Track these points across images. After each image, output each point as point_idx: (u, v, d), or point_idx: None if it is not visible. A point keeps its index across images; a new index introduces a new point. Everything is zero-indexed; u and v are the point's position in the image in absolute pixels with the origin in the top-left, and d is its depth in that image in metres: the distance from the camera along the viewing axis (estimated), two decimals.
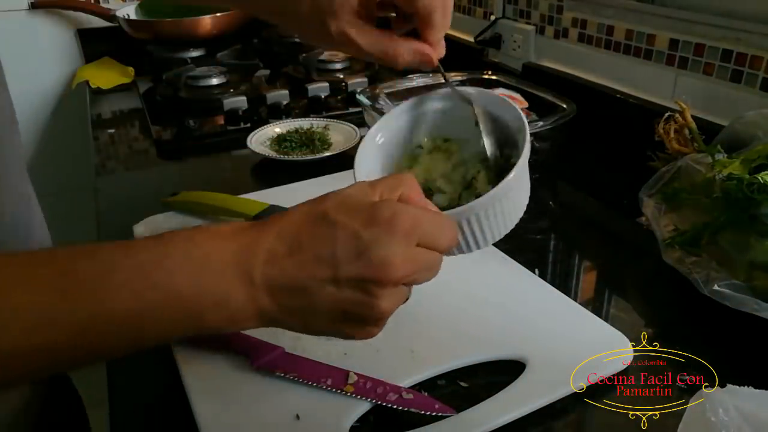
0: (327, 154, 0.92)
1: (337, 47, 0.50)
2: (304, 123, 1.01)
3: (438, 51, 0.50)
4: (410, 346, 0.52)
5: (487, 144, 0.50)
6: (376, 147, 0.53)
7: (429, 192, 0.52)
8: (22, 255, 0.36)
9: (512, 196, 0.48)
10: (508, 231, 0.50)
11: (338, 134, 0.99)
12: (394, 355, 0.52)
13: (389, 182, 0.40)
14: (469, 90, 0.53)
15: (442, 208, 0.45)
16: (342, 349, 0.52)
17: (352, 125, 1.00)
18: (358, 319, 0.38)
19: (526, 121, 0.49)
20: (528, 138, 0.48)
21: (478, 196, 0.47)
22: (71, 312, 0.33)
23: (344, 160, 0.92)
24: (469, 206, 0.45)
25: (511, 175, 0.46)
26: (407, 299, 0.40)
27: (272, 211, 0.71)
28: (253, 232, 0.38)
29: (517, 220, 0.51)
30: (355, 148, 0.98)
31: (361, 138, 0.52)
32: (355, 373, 0.49)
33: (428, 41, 0.49)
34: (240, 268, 0.36)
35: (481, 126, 0.50)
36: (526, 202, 0.52)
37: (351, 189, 0.40)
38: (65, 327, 0.33)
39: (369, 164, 0.52)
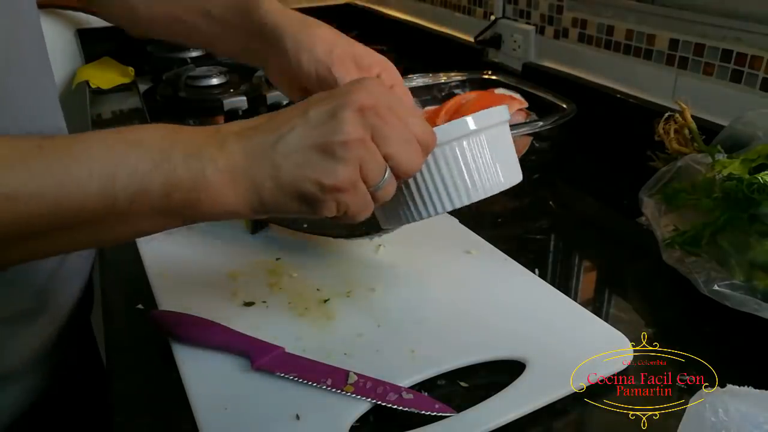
0: None
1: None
2: None
3: None
4: (410, 346, 0.52)
5: None
6: None
7: None
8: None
9: (499, 142, 0.47)
10: (486, 192, 0.47)
11: None
12: (394, 355, 0.52)
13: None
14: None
15: None
16: (342, 349, 0.52)
17: None
18: (330, 154, 0.39)
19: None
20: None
21: None
22: (47, 172, 0.34)
23: None
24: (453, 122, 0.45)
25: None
26: (385, 177, 0.41)
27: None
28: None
29: (500, 180, 0.47)
30: None
31: None
32: (355, 373, 0.49)
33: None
34: (213, 135, 0.39)
35: None
36: (514, 164, 0.49)
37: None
38: (43, 189, 0.34)
39: None
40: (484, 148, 0.46)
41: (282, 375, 0.49)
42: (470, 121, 0.45)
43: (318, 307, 0.58)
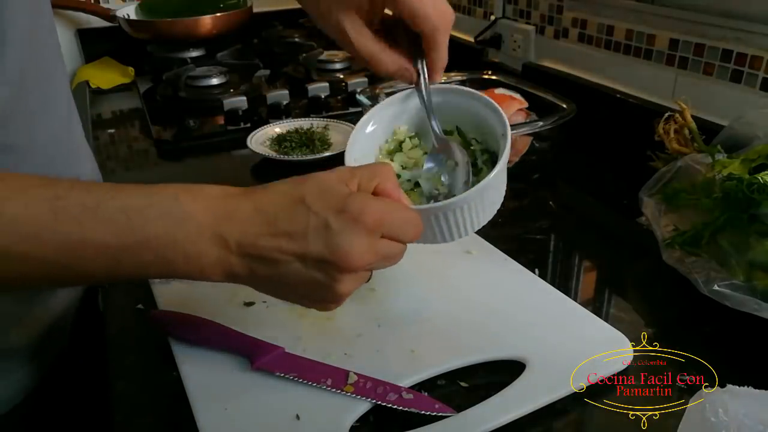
0: (327, 154, 0.92)
1: (335, 36, 0.54)
2: (304, 123, 1.01)
3: (440, 67, 0.54)
4: (410, 346, 0.52)
5: (458, 153, 0.52)
6: (366, 135, 0.56)
7: (408, 183, 0.55)
8: (29, 175, 0.40)
9: (486, 197, 0.49)
10: (480, 227, 0.51)
11: (338, 134, 0.99)
12: (394, 355, 0.52)
13: (367, 172, 0.44)
14: (461, 89, 0.55)
15: (418, 202, 0.49)
16: (342, 349, 0.52)
17: (352, 125, 1.00)
18: (319, 297, 0.43)
19: (509, 128, 0.50)
20: (509, 145, 0.48)
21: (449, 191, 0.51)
22: (57, 232, 0.38)
23: (344, 160, 0.92)
24: (442, 204, 0.47)
25: (489, 176, 0.47)
26: (368, 280, 0.45)
27: None
28: (234, 201, 0.42)
29: (490, 217, 0.51)
30: None
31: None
32: (355, 373, 0.49)
33: (431, 58, 0.53)
34: (216, 233, 0.40)
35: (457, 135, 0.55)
36: (501, 200, 0.52)
37: (332, 174, 0.43)
38: (51, 244, 0.38)
39: (358, 151, 0.54)
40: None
41: (282, 375, 0.49)
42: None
43: None
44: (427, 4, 0.49)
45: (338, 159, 0.91)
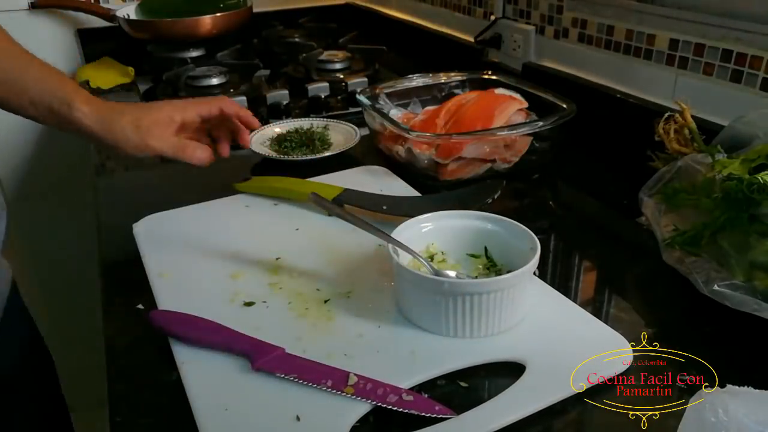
0: (327, 153, 0.92)
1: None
2: (304, 123, 1.01)
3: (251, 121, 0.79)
4: (410, 347, 0.52)
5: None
6: (420, 232, 0.61)
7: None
8: None
9: (510, 294, 0.53)
10: (491, 331, 0.54)
11: (338, 134, 0.99)
12: (394, 356, 0.52)
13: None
14: (487, 216, 0.61)
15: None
16: (343, 350, 0.52)
17: (352, 125, 1.00)
18: None
19: (538, 244, 0.55)
20: (537, 258, 0.53)
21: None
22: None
23: (344, 160, 0.92)
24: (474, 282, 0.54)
25: (524, 268, 0.52)
26: None
27: (347, 194, 0.76)
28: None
29: (502, 324, 0.54)
30: (354, 147, 0.98)
31: (361, 138, 0.55)
32: (355, 375, 0.49)
33: (244, 140, 0.79)
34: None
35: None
36: (522, 310, 0.56)
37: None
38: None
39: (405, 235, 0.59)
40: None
41: (282, 376, 0.49)
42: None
43: (318, 307, 0.58)
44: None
45: (338, 159, 0.91)
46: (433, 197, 0.79)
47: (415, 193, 0.81)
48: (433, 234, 0.62)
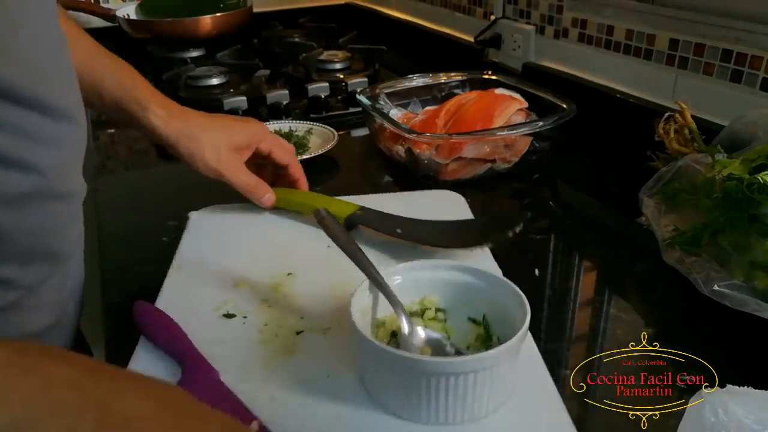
0: (304, 157, 0.88)
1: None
2: (283, 126, 1.01)
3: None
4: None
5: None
6: (422, 279, 0.52)
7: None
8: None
9: (498, 372, 0.43)
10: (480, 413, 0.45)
11: (318, 138, 0.98)
12: (323, 415, 0.45)
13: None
14: (479, 273, 0.51)
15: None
16: (276, 393, 0.47)
17: (331, 129, 0.98)
18: None
19: (528, 310, 0.45)
20: (527, 325, 0.44)
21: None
22: None
23: (316, 163, 0.88)
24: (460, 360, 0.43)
25: (509, 342, 0.43)
26: None
27: (363, 213, 0.68)
28: None
29: (492, 405, 0.45)
30: (330, 151, 0.95)
31: (338, 139, 0.52)
32: (258, 423, 0.43)
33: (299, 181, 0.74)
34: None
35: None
36: (511, 389, 0.47)
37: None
38: None
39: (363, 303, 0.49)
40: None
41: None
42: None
43: (287, 337, 0.53)
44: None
45: (314, 162, 0.88)
46: (451, 224, 0.68)
47: (467, 216, 0.72)
48: (434, 285, 0.52)
